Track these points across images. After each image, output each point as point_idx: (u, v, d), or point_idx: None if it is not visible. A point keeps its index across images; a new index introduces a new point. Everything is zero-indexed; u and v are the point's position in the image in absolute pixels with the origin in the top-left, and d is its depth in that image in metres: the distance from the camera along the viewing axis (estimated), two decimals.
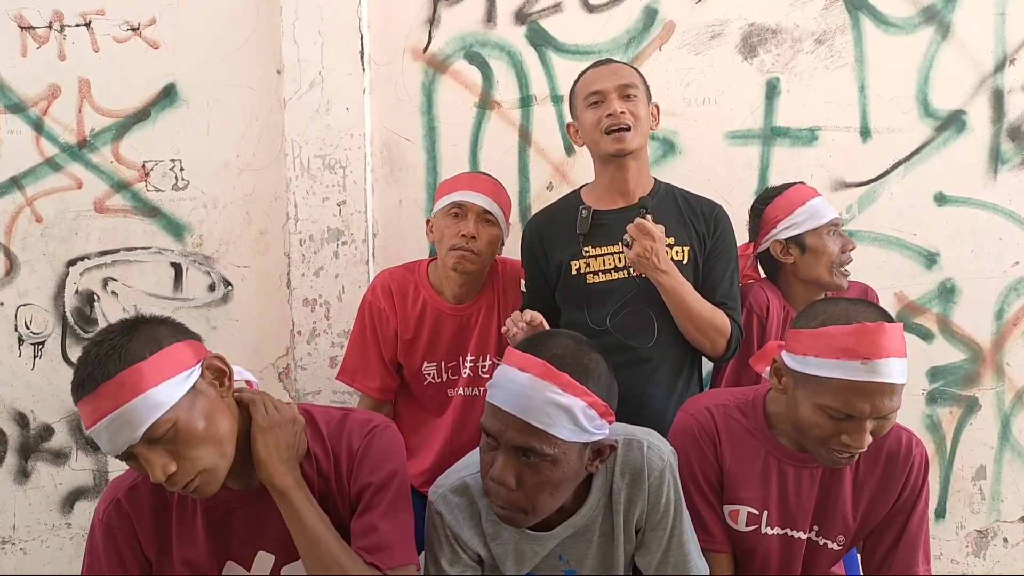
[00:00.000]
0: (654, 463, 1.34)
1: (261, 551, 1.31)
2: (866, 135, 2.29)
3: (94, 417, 1.12)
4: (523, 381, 1.20)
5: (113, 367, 1.12)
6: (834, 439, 1.28)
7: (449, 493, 1.35)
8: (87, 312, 2.39)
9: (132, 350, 1.13)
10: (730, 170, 2.30)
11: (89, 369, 1.12)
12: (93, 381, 1.11)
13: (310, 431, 1.32)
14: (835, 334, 1.26)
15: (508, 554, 1.36)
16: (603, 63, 1.80)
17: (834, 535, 1.45)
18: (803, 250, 1.89)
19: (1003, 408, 2.39)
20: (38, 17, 2.31)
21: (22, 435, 2.44)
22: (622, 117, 1.70)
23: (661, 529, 1.37)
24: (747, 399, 1.49)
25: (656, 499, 1.35)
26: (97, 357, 1.13)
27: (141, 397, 1.12)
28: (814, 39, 2.27)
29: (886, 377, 1.23)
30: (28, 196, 2.36)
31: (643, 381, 1.75)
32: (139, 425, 1.12)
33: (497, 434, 1.21)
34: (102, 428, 1.12)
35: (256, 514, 1.28)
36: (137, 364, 1.13)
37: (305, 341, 2.28)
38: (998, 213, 2.32)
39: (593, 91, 1.74)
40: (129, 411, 1.11)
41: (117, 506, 1.28)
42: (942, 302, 2.35)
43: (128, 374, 1.12)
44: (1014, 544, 2.44)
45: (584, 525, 1.36)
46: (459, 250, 1.79)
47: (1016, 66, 2.27)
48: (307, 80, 2.22)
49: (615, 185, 1.79)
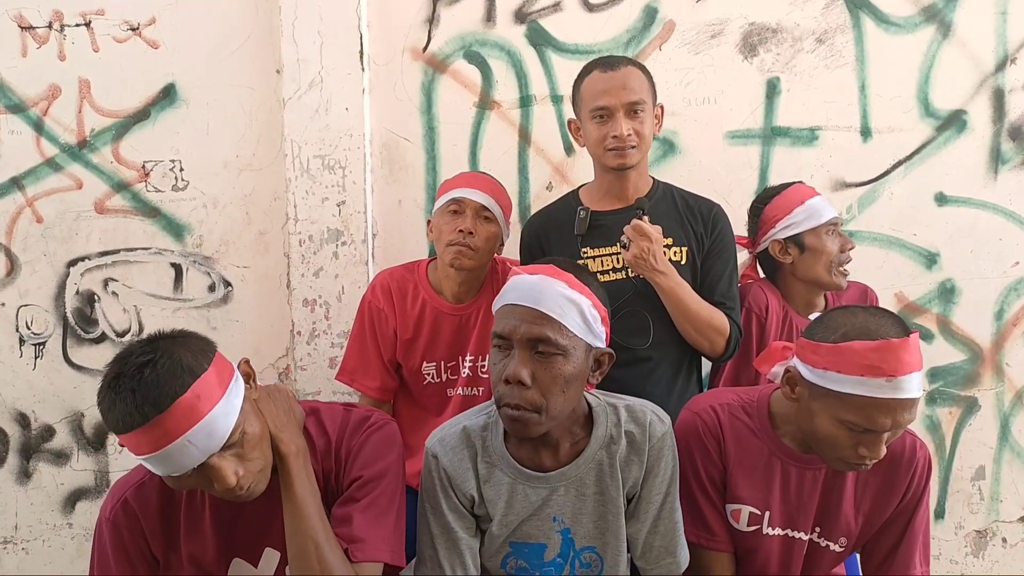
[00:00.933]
0: (656, 427, 1.38)
1: (268, 548, 1.31)
2: (866, 135, 2.29)
3: (162, 441, 1.10)
4: (535, 280, 1.29)
5: (178, 386, 1.10)
6: (850, 450, 1.28)
7: (447, 436, 1.40)
8: (88, 312, 2.40)
9: (188, 366, 1.12)
10: (730, 170, 2.29)
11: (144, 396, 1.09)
12: (154, 407, 1.08)
13: (315, 427, 1.33)
14: (859, 350, 1.23)
15: (500, 497, 1.37)
16: (612, 66, 1.73)
17: (836, 537, 1.45)
18: (802, 250, 1.89)
19: (1003, 408, 2.39)
20: (38, 17, 2.31)
21: (23, 435, 2.45)
22: (627, 139, 1.69)
23: (656, 495, 1.38)
24: (751, 399, 1.49)
25: (655, 464, 1.37)
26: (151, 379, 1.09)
27: (215, 409, 1.13)
28: (815, 38, 2.27)
29: (908, 393, 1.23)
30: (29, 196, 2.36)
31: (642, 381, 1.75)
32: (220, 438, 1.13)
33: (511, 331, 1.27)
34: (173, 450, 1.10)
35: (265, 510, 1.28)
36: (202, 376, 1.13)
37: (305, 341, 2.28)
38: (998, 213, 2.32)
39: (599, 106, 1.70)
40: (208, 425, 1.11)
41: (124, 505, 1.28)
42: (942, 302, 2.35)
43: (198, 387, 1.11)
44: (1013, 544, 2.45)
45: (579, 478, 1.37)
46: (456, 245, 1.80)
47: (1017, 65, 2.27)
48: (306, 80, 2.22)
49: (614, 190, 1.80)
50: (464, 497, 1.38)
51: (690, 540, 1.46)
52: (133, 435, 1.10)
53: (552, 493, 1.38)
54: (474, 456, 1.39)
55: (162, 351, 1.13)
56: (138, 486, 1.29)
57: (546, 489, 1.38)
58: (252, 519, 1.30)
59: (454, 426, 1.43)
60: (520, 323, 1.27)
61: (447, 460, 1.38)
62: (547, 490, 1.38)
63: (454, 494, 1.38)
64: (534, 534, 1.39)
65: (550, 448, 1.38)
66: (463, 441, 1.40)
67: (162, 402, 1.09)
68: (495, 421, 1.41)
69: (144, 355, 1.12)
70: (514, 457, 1.38)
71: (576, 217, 1.78)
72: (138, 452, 1.13)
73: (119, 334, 2.40)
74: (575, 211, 1.80)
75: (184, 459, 1.12)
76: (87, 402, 2.42)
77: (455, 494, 1.38)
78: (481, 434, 1.40)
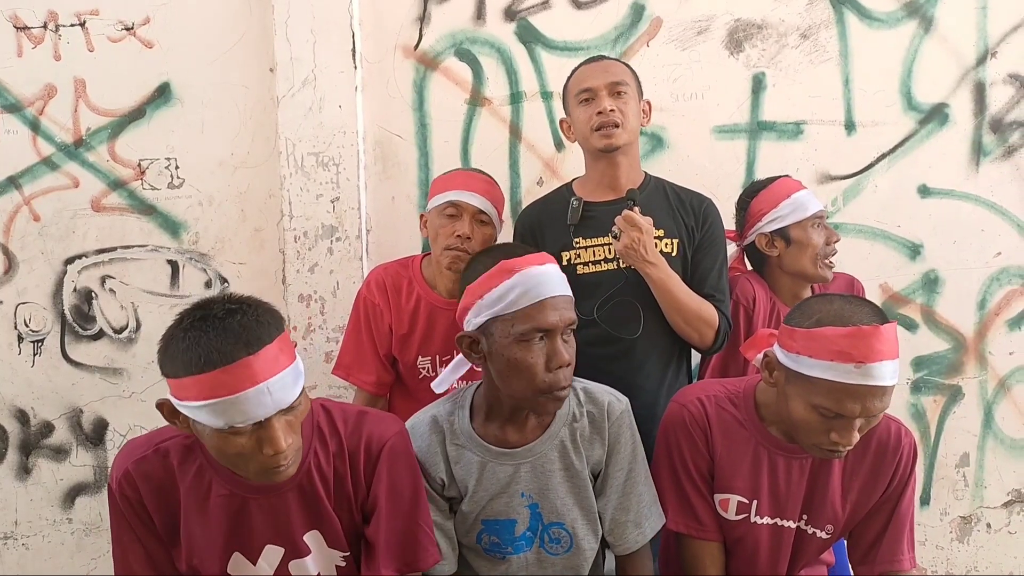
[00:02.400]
0: (614, 406, 1.46)
1: (270, 544, 1.31)
2: (851, 128, 2.32)
3: (245, 383, 1.09)
4: (549, 269, 1.38)
5: (268, 333, 1.12)
6: (823, 435, 1.30)
7: (416, 424, 1.47)
8: (85, 310, 2.42)
9: (275, 320, 1.16)
10: (717, 164, 2.32)
11: (237, 335, 1.09)
12: (247, 347, 1.09)
13: (327, 426, 1.33)
14: (830, 336, 1.25)
15: (470, 476, 1.43)
16: (595, 60, 1.82)
17: (823, 524, 1.47)
18: (788, 243, 1.92)
19: (986, 396, 2.43)
20: (33, 17, 2.33)
21: (23, 432, 2.47)
22: (611, 115, 1.72)
23: (619, 471, 1.45)
24: (738, 390, 1.51)
25: (615, 441, 1.45)
26: (244, 323, 1.10)
27: (293, 365, 1.16)
28: (799, 34, 2.30)
29: (878, 380, 1.24)
30: (26, 195, 2.38)
31: (632, 372, 1.77)
32: (292, 394, 1.14)
33: (557, 321, 1.34)
34: (251, 394, 1.09)
35: (271, 506, 1.28)
36: (283, 333, 1.16)
37: (301, 337, 2.30)
38: (980, 205, 2.35)
39: (584, 88, 1.75)
40: (286, 377, 1.13)
41: (127, 476, 1.27)
42: (926, 293, 2.39)
43: (282, 340, 1.14)
44: (997, 529, 2.49)
45: (543, 454, 1.43)
46: (454, 250, 1.81)
47: (998, 59, 2.30)
48: (300, 78, 2.24)
49: (605, 180, 1.81)
50: (434, 481, 1.44)
51: (680, 531, 1.49)
52: (212, 375, 1.08)
53: (518, 469, 1.43)
54: (442, 440, 1.45)
55: (248, 303, 1.16)
56: (139, 460, 1.27)
57: (512, 465, 1.43)
58: (258, 514, 1.29)
59: (423, 415, 1.49)
60: (563, 312, 1.36)
61: (418, 445, 1.43)
62: (513, 466, 1.43)
63: (425, 478, 1.42)
64: (504, 511, 1.44)
65: (516, 425, 1.44)
66: (431, 427, 1.46)
67: (255, 343, 1.10)
68: (461, 405, 1.47)
69: (231, 303, 1.14)
70: (481, 436, 1.44)
71: (570, 207, 1.80)
72: (208, 396, 1.09)
73: (116, 331, 2.42)
74: (567, 201, 1.82)
75: (257, 408, 1.10)
76: (86, 398, 2.44)
77: (426, 478, 1.42)
78: (448, 419, 1.46)
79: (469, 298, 1.38)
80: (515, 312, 1.33)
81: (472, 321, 1.38)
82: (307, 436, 1.29)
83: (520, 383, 1.35)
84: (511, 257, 1.37)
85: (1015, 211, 2.35)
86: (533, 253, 1.40)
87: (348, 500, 1.33)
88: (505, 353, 1.34)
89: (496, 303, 1.34)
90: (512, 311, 1.33)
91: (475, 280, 1.38)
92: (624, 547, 1.46)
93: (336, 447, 1.31)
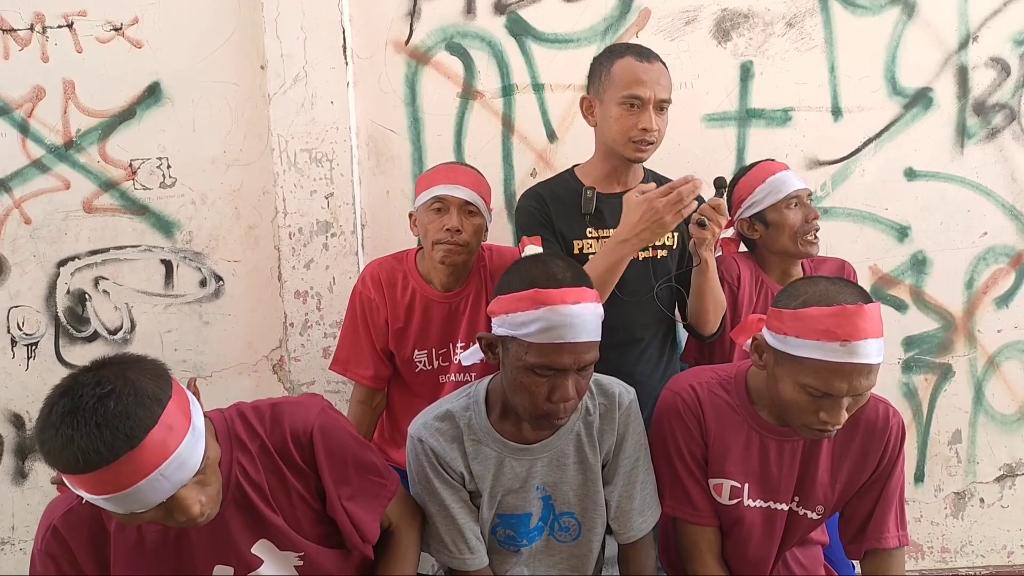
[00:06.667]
0: (624, 397, 1.48)
1: (219, 565, 1.26)
2: (837, 114, 2.36)
3: (133, 478, 0.99)
4: (582, 311, 1.30)
5: (148, 417, 1.00)
6: (812, 415, 1.32)
7: (432, 420, 1.46)
8: (79, 312, 2.41)
9: (154, 394, 1.02)
10: (708, 152, 2.35)
11: (113, 431, 0.97)
12: (126, 443, 0.98)
13: (245, 432, 1.26)
14: (816, 315, 1.28)
15: (488, 471, 1.44)
16: (648, 58, 1.74)
17: (813, 505, 1.50)
18: (767, 226, 1.96)
19: (976, 374, 2.48)
20: (19, 19, 2.31)
21: (18, 436, 2.45)
22: (654, 135, 1.72)
23: (627, 459, 1.47)
24: (729, 375, 1.53)
25: (625, 430, 1.47)
26: (118, 412, 0.98)
27: (186, 438, 1.04)
28: (785, 22, 2.33)
29: (864, 358, 1.26)
30: (16, 198, 2.36)
31: (636, 360, 1.83)
32: (192, 467, 1.05)
33: (570, 364, 1.31)
34: (144, 487, 1.00)
35: (209, 528, 1.21)
36: (168, 404, 1.04)
37: (298, 333, 2.31)
38: (966, 186, 2.39)
39: (634, 94, 1.70)
40: (180, 456, 1.03)
41: (55, 533, 1.20)
42: (914, 274, 2.43)
43: (167, 416, 1.02)
44: (990, 504, 2.53)
45: (560, 449, 1.45)
46: (445, 244, 1.81)
47: (979, 43, 2.34)
48: (291, 75, 2.24)
49: (615, 175, 1.84)
50: (454, 473, 1.44)
51: (676, 516, 1.52)
52: (96, 475, 0.98)
53: (535, 464, 1.44)
54: (459, 436, 1.44)
55: (121, 379, 1.01)
56: (65, 513, 1.20)
57: (529, 460, 1.44)
58: (198, 538, 1.24)
59: (436, 410, 1.48)
60: (582, 355, 1.31)
61: (433, 441, 1.43)
62: (530, 461, 1.44)
63: (444, 471, 1.43)
64: (520, 505, 1.46)
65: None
66: (448, 423, 1.45)
67: (134, 436, 0.98)
68: (475, 400, 1.47)
69: (101, 385, 1.00)
70: (499, 432, 1.44)
71: (583, 196, 1.78)
72: (97, 493, 1.00)
73: (111, 332, 2.41)
74: (574, 189, 1.82)
75: (153, 495, 1.02)
76: None
77: (445, 471, 1.43)
78: (464, 414, 1.45)
79: (497, 306, 1.36)
80: (531, 344, 1.30)
81: (496, 326, 1.37)
82: (227, 450, 1.23)
83: (521, 401, 1.36)
84: (548, 286, 1.30)
85: (1000, 191, 2.40)
86: (573, 288, 1.32)
87: (295, 494, 1.29)
88: (514, 372, 1.34)
89: (518, 327, 1.31)
90: (529, 341, 1.30)
91: (507, 292, 1.34)
92: (628, 535, 1.48)
93: (259, 449, 1.26)
